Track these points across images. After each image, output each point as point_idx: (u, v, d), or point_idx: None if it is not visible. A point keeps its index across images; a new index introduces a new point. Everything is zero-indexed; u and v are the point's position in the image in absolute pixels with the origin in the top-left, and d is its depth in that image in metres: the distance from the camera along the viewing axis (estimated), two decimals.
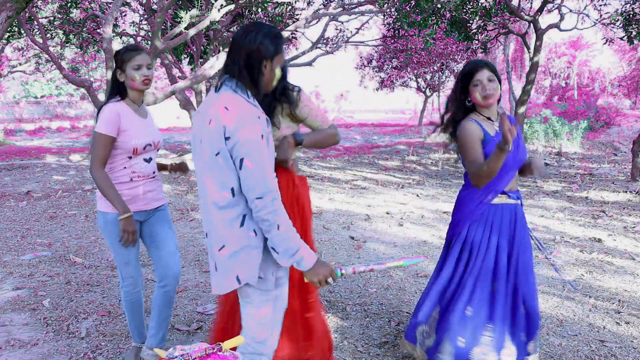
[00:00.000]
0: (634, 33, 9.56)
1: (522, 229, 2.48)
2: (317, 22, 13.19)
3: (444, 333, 2.42)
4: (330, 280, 1.83)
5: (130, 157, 2.47)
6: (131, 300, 2.65)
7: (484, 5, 10.03)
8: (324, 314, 2.43)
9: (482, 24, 11.26)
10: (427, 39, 9.95)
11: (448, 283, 2.52)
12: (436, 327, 2.51)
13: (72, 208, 6.77)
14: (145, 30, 13.03)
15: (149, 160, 2.54)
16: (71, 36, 11.87)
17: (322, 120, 2.40)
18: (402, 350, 2.80)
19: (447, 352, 2.38)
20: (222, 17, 9.55)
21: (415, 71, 22.42)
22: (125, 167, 2.48)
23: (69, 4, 10.94)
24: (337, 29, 16.13)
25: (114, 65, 2.50)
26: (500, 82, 2.45)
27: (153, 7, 11.05)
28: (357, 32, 16.46)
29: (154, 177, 2.59)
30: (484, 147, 2.38)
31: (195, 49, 11.94)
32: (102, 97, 18.58)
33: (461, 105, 2.48)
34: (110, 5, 9.82)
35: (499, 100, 2.49)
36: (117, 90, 2.50)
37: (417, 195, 7.60)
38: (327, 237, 5.24)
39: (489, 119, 2.47)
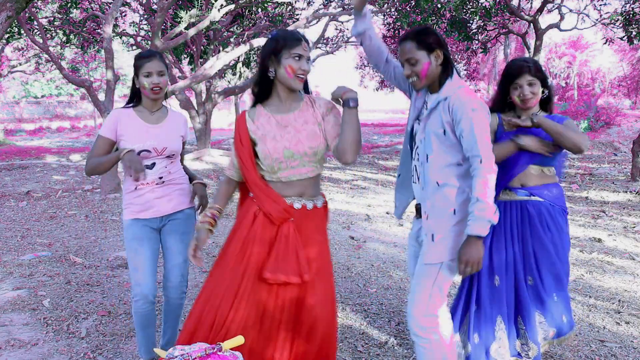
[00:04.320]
0: (634, 33, 9.57)
1: (539, 226, 2.43)
2: (317, 22, 13.19)
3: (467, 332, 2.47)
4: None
5: None
6: (140, 313, 2.54)
7: (484, 5, 10.03)
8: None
9: (482, 24, 11.28)
10: None
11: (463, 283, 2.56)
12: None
13: (72, 208, 6.77)
14: (145, 30, 13.03)
15: (151, 167, 2.47)
16: (71, 36, 11.86)
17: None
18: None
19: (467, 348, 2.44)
20: (222, 17, 9.54)
21: None
22: (130, 175, 2.45)
23: (69, 4, 10.93)
24: (337, 29, 16.14)
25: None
26: (544, 80, 2.45)
27: (153, 7, 11.05)
28: None
29: (162, 183, 2.50)
30: (494, 139, 2.47)
31: (195, 49, 11.94)
32: (102, 97, 18.59)
33: (501, 102, 2.54)
34: (110, 5, 9.82)
35: (545, 102, 2.52)
36: (133, 95, 2.52)
37: None
38: None
39: (519, 117, 2.50)
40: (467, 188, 2.04)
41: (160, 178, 2.50)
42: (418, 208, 2.21)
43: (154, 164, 2.48)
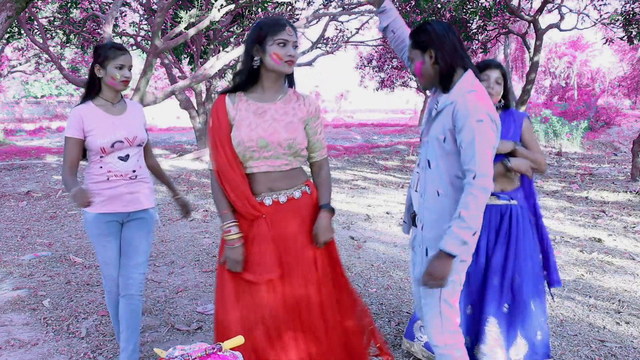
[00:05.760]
0: (634, 33, 9.57)
1: (519, 230, 2.44)
2: (317, 22, 13.19)
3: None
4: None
5: (102, 156, 2.46)
6: (114, 301, 2.60)
7: (484, 5, 10.03)
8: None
9: (482, 24, 11.28)
10: None
11: None
12: None
13: (72, 208, 6.77)
14: (145, 30, 13.03)
15: (125, 158, 2.47)
16: (71, 36, 11.87)
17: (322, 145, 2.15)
18: (403, 348, 2.82)
19: None
20: (222, 17, 9.54)
21: None
22: (101, 167, 2.46)
23: (69, 4, 10.94)
24: (337, 29, 16.14)
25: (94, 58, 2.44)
26: (506, 89, 2.49)
27: (153, 7, 11.06)
28: (357, 32, 16.47)
29: (135, 177, 2.50)
30: None
31: (195, 49, 11.94)
32: None
33: None
34: (110, 5, 9.82)
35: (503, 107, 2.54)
36: (92, 85, 2.47)
37: None
38: None
39: None
40: None
41: (134, 172, 2.51)
42: (414, 217, 2.13)
43: (127, 155, 2.49)
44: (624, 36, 9.92)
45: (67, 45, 13.11)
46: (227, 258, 2.03)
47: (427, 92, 2.34)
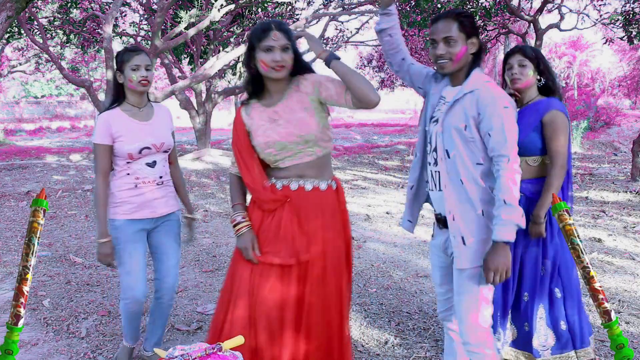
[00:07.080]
0: (634, 33, 9.57)
1: None
2: (317, 22, 13.20)
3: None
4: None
5: (129, 162, 2.43)
6: (130, 312, 2.54)
7: (484, 5, 10.02)
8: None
9: (482, 24, 11.26)
10: (427, 39, 9.96)
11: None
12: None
13: (72, 208, 6.77)
14: (145, 30, 13.04)
15: (152, 165, 2.46)
16: (71, 36, 11.88)
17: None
18: (403, 348, 2.81)
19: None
20: (222, 17, 9.55)
21: None
22: (128, 174, 2.43)
23: (69, 4, 10.95)
24: (337, 29, 16.14)
25: (115, 66, 2.47)
26: (538, 65, 2.41)
27: (153, 7, 11.06)
28: (357, 32, 16.47)
29: (162, 183, 2.50)
30: None
31: (195, 49, 11.94)
32: (102, 97, 18.60)
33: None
34: (110, 5, 9.82)
35: (550, 90, 2.44)
36: (117, 92, 2.48)
37: None
38: None
39: (517, 101, 2.47)
40: (490, 188, 1.94)
41: (161, 177, 2.50)
42: (439, 218, 2.10)
43: (154, 162, 2.47)
44: (624, 36, 9.91)
45: (67, 45, 13.12)
46: (238, 247, 2.08)
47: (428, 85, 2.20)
